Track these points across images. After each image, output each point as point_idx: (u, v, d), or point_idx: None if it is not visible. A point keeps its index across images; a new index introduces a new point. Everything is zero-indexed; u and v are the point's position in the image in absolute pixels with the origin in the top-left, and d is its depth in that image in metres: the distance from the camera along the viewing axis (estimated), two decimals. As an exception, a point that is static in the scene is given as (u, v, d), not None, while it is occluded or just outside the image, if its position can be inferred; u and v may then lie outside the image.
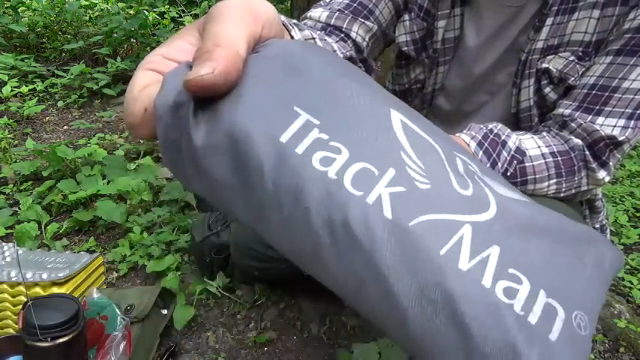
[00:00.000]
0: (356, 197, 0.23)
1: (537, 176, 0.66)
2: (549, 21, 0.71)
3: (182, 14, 3.57)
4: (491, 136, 0.64)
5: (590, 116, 0.67)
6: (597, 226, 0.87)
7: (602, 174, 0.70)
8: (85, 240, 1.51)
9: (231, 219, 1.28)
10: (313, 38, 0.57)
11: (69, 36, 3.50)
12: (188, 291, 1.27)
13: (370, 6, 0.79)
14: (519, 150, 0.65)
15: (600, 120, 0.67)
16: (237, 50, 0.25)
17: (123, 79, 3.02)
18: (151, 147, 2.17)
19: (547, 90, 0.75)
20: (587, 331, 0.23)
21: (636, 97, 0.65)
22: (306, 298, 1.26)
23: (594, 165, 0.69)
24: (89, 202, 1.67)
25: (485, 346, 0.21)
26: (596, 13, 0.68)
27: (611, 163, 0.69)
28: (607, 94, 0.66)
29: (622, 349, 1.19)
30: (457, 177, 0.25)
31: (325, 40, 0.64)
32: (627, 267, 1.53)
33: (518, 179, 0.66)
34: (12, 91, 2.58)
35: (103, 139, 2.25)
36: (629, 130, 0.66)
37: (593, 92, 0.67)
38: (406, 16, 0.82)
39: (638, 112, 0.66)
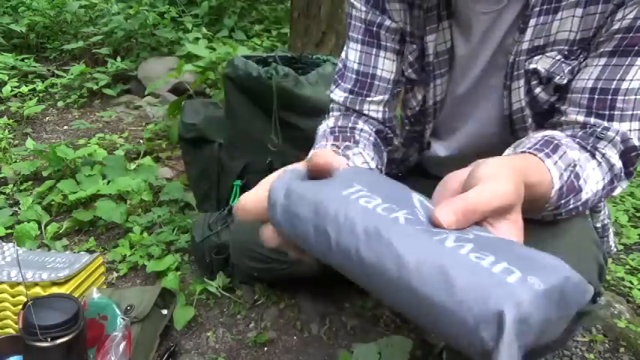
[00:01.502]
0: (383, 215, 0.36)
1: (586, 208, 0.65)
2: (532, 22, 0.72)
3: (182, 14, 3.57)
4: (572, 178, 0.61)
5: (605, 122, 0.66)
6: (598, 225, 0.86)
7: (624, 185, 0.69)
8: (85, 240, 1.51)
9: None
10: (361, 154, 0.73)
11: (69, 36, 3.50)
12: (188, 291, 1.27)
13: (371, 71, 0.85)
14: (586, 203, 0.64)
15: (616, 125, 0.66)
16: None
17: (123, 79, 3.02)
18: (150, 147, 2.17)
19: (537, 90, 0.75)
20: (542, 287, 0.30)
21: (638, 97, 0.65)
22: (306, 298, 1.26)
23: (622, 182, 0.68)
24: (89, 202, 1.67)
25: (463, 291, 0.30)
26: (579, 11, 0.68)
27: (632, 169, 0.68)
28: (610, 97, 0.66)
29: (622, 349, 1.19)
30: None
31: (362, 136, 0.79)
32: (627, 267, 1.53)
33: (572, 214, 0.65)
34: (12, 91, 2.58)
35: (103, 139, 2.25)
36: None
37: (596, 97, 0.67)
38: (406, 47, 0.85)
39: None
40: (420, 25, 0.81)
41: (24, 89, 2.66)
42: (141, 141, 2.29)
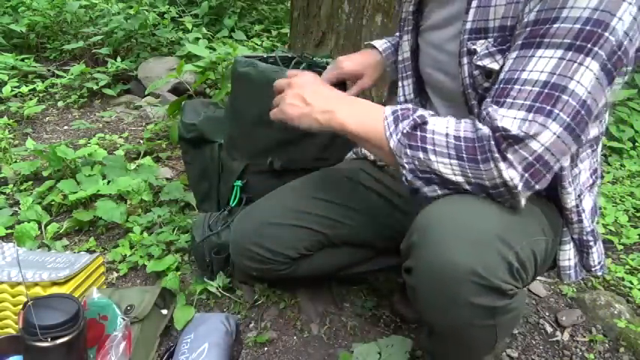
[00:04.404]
0: None
1: (437, 149, 0.70)
2: (474, 3, 0.77)
3: (182, 14, 3.57)
4: (409, 109, 0.74)
5: (498, 108, 0.68)
6: (575, 236, 0.88)
7: (507, 170, 0.67)
8: (85, 240, 1.52)
9: (231, 219, 1.28)
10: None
11: (69, 36, 3.50)
12: (188, 291, 1.27)
13: None
14: (424, 120, 0.73)
15: (503, 111, 0.67)
16: None
17: (123, 79, 3.02)
18: (150, 147, 2.17)
19: (476, 72, 0.79)
20: None
21: (534, 88, 0.65)
22: (306, 298, 1.26)
23: (498, 155, 0.67)
24: (89, 202, 1.67)
25: None
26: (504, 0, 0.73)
27: (511, 158, 0.67)
28: (510, 86, 0.68)
29: (622, 349, 1.19)
30: None
31: None
32: (627, 267, 1.53)
33: (419, 144, 0.72)
34: (12, 91, 2.58)
35: (103, 139, 2.25)
36: (528, 123, 0.65)
37: (501, 86, 0.70)
38: None
39: (537, 105, 0.65)
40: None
41: (24, 89, 2.65)
42: (141, 141, 2.29)
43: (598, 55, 0.64)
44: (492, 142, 0.68)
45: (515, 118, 0.66)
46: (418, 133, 0.72)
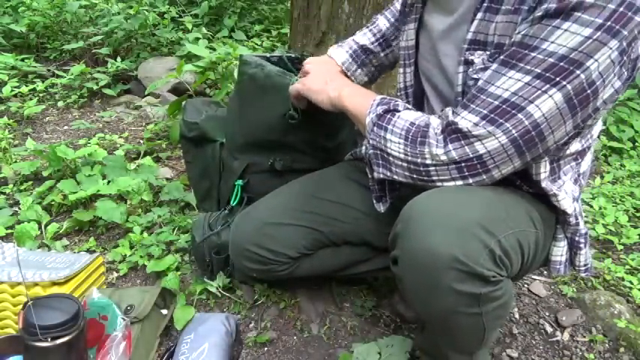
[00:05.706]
0: None
1: (394, 130, 0.80)
2: (479, 15, 0.79)
3: (182, 14, 3.57)
4: (395, 100, 0.85)
5: (462, 110, 0.75)
6: (568, 235, 0.91)
7: (438, 150, 0.75)
8: (85, 240, 1.51)
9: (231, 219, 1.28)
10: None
11: (69, 36, 3.50)
12: (188, 291, 1.27)
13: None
14: (397, 109, 0.83)
15: (464, 113, 0.74)
16: None
17: (123, 79, 3.02)
18: (150, 147, 2.17)
19: (470, 83, 0.81)
20: None
21: (495, 102, 0.71)
22: (306, 298, 1.26)
23: (433, 141, 0.76)
24: (89, 202, 1.67)
25: None
26: (508, 17, 0.75)
27: (450, 147, 0.74)
28: (478, 94, 0.74)
29: (622, 349, 1.19)
30: None
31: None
32: (627, 267, 1.53)
33: (383, 124, 0.82)
34: (12, 91, 2.57)
35: (103, 139, 2.25)
36: (478, 127, 0.72)
37: (473, 93, 0.75)
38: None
39: (491, 115, 0.71)
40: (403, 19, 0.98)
41: (24, 89, 2.65)
42: (141, 141, 2.29)
43: (565, 88, 0.68)
44: (435, 131, 0.76)
45: (469, 120, 0.73)
46: (388, 115, 0.83)
